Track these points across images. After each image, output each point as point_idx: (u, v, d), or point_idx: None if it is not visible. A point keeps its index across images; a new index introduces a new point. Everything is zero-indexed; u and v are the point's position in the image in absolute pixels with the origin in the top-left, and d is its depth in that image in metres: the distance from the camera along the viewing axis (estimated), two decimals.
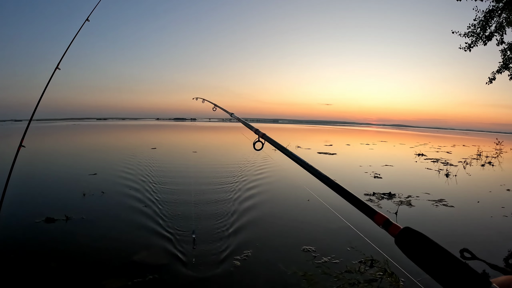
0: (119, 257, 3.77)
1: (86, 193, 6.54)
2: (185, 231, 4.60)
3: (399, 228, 0.89)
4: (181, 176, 8.84)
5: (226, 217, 5.26)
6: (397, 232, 0.88)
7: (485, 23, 10.57)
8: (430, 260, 0.80)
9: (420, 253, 0.82)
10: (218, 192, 6.93)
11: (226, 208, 5.75)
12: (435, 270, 0.80)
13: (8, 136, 25.73)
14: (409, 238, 0.85)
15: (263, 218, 5.25)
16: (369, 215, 1.00)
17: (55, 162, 11.27)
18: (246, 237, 4.43)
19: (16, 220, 4.91)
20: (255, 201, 6.24)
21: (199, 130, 44.27)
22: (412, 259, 0.84)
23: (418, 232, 0.85)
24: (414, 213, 5.84)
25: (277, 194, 6.86)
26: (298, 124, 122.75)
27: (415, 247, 0.84)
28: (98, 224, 4.88)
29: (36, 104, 3.02)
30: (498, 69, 11.29)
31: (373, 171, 10.28)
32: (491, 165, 13.94)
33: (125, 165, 10.28)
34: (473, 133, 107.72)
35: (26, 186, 7.14)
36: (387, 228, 0.92)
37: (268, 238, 4.40)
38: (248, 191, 7.02)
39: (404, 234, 0.86)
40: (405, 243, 0.86)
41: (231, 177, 8.69)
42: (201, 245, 4.15)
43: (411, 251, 0.84)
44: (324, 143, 21.90)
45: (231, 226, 4.84)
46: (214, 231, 4.63)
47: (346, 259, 3.79)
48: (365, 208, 1.01)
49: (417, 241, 0.84)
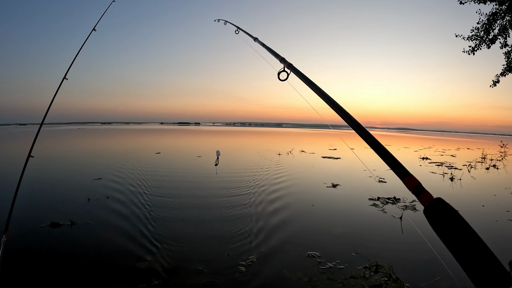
0: (124, 263, 3.78)
1: (91, 198, 6.57)
2: (189, 236, 4.62)
3: (431, 197, 0.87)
4: (185, 180, 8.87)
5: (230, 222, 5.27)
6: (429, 201, 0.86)
7: (488, 26, 10.56)
8: (457, 238, 0.78)
9: (449, 228, 0.80)
10: (220, 197, 6.94)
11: (229, 214, 5.76)
12: (461, 250, 0.77)
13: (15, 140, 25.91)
14: (440, 210, 0.83)
15: (267, 224, 5.24)
16: (400, 175, 0.99)
17: (60, 166, 11.33)
18: (250, 242, 4.43)
19: (22, 225, 4.93)
20: (259, 207, 6.24)
21: (203, 135, 44.32)
22: (438, 232, 0.82)
23: (450, 206, 0.83)
24: (419, 217, 5.81)
25: (281, 199, 6.84)
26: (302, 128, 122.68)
27: (445, 221, 0.81)
28: (102, 229, 4.89)
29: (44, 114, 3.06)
30: (502, 71, 11.26)
31: (378, 176, 10.25)
32: (496, 168, 13.85)
33: (130, 170, 10.32)
34: (478, 136, 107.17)
35: (32, 191, 7.17)
36: (418, 194, 0.90)
37: (272, 244, 4.39)
38: (251, 197, 7.02)
39: (435, 205, 0.84)
40: (435, 214, 0.83)
41: (236, 182, 8.70)
42: (200, 252, 4.15)
43: (440, 224, 0.82)
44: (328, 148, 21.88)
45: (235, 231, 4.85)
46: (218, 236, 4.64)
47: (351, 265, 3.78)
48: (396, 166, 1.01)
49: (448, 215, 0.82)
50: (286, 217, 5.63)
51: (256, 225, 5.13)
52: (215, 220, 5.38)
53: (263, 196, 7.01)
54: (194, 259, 3.88)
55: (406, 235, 4.90)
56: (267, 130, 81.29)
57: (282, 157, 15.21)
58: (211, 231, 4.86)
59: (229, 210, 5.95)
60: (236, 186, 8.06)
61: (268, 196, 7.03)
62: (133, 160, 13.06)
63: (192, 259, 3.90)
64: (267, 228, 5.01)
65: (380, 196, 7.25)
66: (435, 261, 3.92)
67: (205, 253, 4.08)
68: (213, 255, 4.01)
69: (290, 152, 17.08)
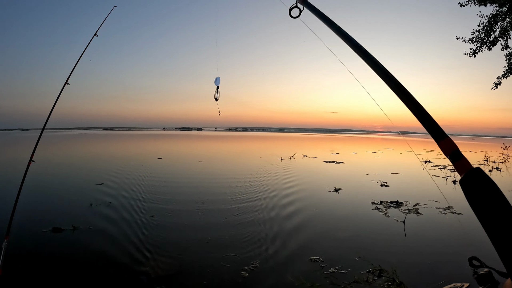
0: (126, 268, 3.77)
1: (93, 203, 6.57)
2: (192, 241, 4.60)
3: (470, 165, 0.79)
4: (188, 186, 8.88)
5: (232, 227, 5.26)
6: (467, 170, 0.78)
7: (489, 28, 10.57)
8: (497, 215, 0.71)
9: (488, 203, 0.73)
10: (223, 202, 6.94)
11: (231, 219, 5.75)
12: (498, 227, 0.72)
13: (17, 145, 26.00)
14: (480, 182, 0.75)
15: (269, 229, 5.22)
16: (435, 137, 0.87)
17: (62, 171, 11.34)
18: (253, 247, 4.41)
19: (23, 230, 4.93)
20: (261, 212, 6.22)
21: (205, 140, 44.38)
22: (474, 206, 0.75)
23: (491, 179, 0.76)
24: (422, 221, 5.78)
25: (283, 204, 6.82)
26: (304, 133, 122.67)
27: (484, 195, 0.74)
28: (105, 234, 4.88)
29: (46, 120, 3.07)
30: (504, 73, 11.25)
31: (380, 179, 10.22)
32: (499, 170, 13.78)
33: (133, 175, 10.33)
34: (480, 138, 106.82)
35: (34, 196, 7.18)
36: (454, 160, 0.81)
37: (275, 249, 4.37)
38: (253, 202, 7.01)
39: (475, 175, 0.76)
40: (474, 185, 0.75)
41: (238, 187, 8.71)
42: (203, 257, 4.14)
43: (478, 197, 0.74)
44: (330, 152, 21.86)
45: (238, 236, 4.83)
46: (221, 242, 4.62)
47: (354, 269, 3.76)
48: (431, 125, 0.87)
49: (489, 189, 0.74)
50: (288, 222, 5.61)
51: (258, 230, 5.11)
52: (217, 226, 5.37)
53: (265, 201, 6.99)
54: (196, 264, 3.87)
55: (410, 239, 4.87)
56: (269, 135, 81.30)
57: (285, 162, 15.20)
58: (213, 236, 4.85)
59: (231, 215, 5.94)
60: (238, 191, 8.05)
61: (270, 201, 7.01)
62: (135, 166, 13.07)
63: (194, 264, 3.88)
64: (269, 233, 4.99)
65: (383, 200, 7.22)
66: (439, 264, 3.89)
67: (208, 258, 4.06)
68: (215, 260, 3.99)
69: (292, 157, 17.06)
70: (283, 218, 5.77)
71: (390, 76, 0.95)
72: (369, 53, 1.02)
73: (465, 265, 3.85)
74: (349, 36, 1.10)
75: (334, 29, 1.16)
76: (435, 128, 0.84)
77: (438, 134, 0.84)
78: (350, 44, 1.09)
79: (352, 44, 1.08)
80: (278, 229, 5.20)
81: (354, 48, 1.07)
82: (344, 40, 1.11)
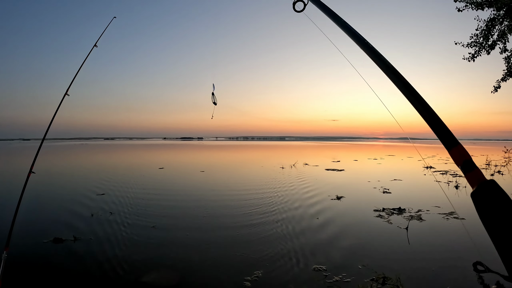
0: (128, 278, 3.73)
1: (94, 214, 6.55)
2: (193, 251, 4.57)
3: (483, 177, 0.71)
4: (189, 195, 8.86)
5: (234, 236, 5.23)
6: (480, 182, 0.71)
7: (487, 32, 10.62)
8: (508, 232, 0.65)
9: (501, 219, 0.66)
10: (224, 211, 6.92)
11: (232, 227, 5.73)
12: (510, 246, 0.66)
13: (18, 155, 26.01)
14: (495, 196, 0.68)
15: (271, 238, 5.19)
16: (445, 144, 0.79)
17: (63, 182, 11.33)
18: (255, 257, 4.38)
19: (25, 240, 4.91)
20: (262, 221, 6.19)
21: (206, 149, 44.41)
22: (485, 221, 0.70)
23: (505, 193, 0.69)
24: (425, 227, 5.73)
25: (284, 213, 6.79)
26: (305, 141, 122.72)
27: (497, 210, 0.67)
28: (106, 245, 4.85)
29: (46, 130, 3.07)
30: (503, 76, 11.27)
31: (382, 186, 10.18)
32: (501, 174, 13.72)
33: (133, 185, 10.32)
34: (481, 142, 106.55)
35: (35, 206, 7.16)
36: (467, 171, 0.74)
37: (278, 258, 4.34)
38: (254, 210, 6.98)
39: (489, 188, 0.69)
40: (487, 199, 0.68)
41: (239, 196, 8.69)
42: (205, 266, 4.10)
43: (489, 213, 0.68)
44: (331, 160, 21.82)
45: (239, 246, 4.80)
46: (222, 252, 4.59)
47: (358, 278, 3.72)
48: (442, 131, 0.79)
49: (504, 203, 0.67)
50: (290, 231, 5.57)
51: (260, 240, 5.08)
52: (219, 235, 5.34)
53: (266, 210, 6.96)
54: (198, 275, 3.83)
55: (413, 245, 4.83)
56: (270, 143, 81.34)
57: (286, 170, 15.17)
58: (215, 245, 4.82)
59: (233, 224, 5.90)
60: (239, 201, 8.03)
61: (272, 210, 6.97)
62: (137, 176, 13.07)
63: (196, 274, 3.85)
64: (272, 242, 4.96)
65: (385, 207, 7.18)
66: (443, 270, 3.85)
67: (210, 268, 4.03)
68: (218, 270, 3.96)
69: (294, 166, 17.03)
70: (285, 228, 5.73)
71: (398, 75, 0.88)
72: (376, 50, 0.95)
73: (470, 270, 3.80)
74: (356, 32, 1.03)
75: (340, 24, 1.10)
76: (446, 134, 0.78)
77: (450, 140, 0.77)
78: (356, 40, 1.02)
79: (359, 41, 1.02)
80: (280, 238, 5.16)
81: (361, 44, 1.01)
82: (350, 36, 1.04)
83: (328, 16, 1.17)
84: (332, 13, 1.17)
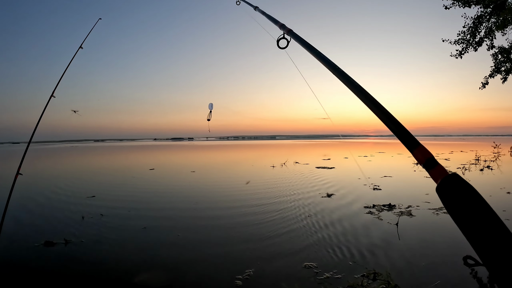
0: (120, 280, 3.73)
1: (85, 216, 6.50)
2: (184, 251, 4.58)
3: (445, 172, 0.76)
4: (180, 195, 8.84)
5: (224, 235, 5.24)
6: (443, 177, 0.75)
7: (474, 29, 10.77)
8: (477, 222, 0.69)
9: (467, 210, 0.70)
10: (215, 210, 6.93)
11: (223, 225, 5.74)
12: (480, 236, 0.70)
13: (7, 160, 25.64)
14: (457, 188, 0.73)
15: (262, 236, 5.21)
16: (408, 146, 0.83)
17: (53, 185, 11.20)
18: (247, 255, 4.40)
19: (15, 244, 4.85)
20: (252, 219, 6.21)
21: (197, 149, 44.30)
22: (453, 213, 0.73)
23: (468, 184, 0.73)
24: (416, 222, 5.81)
25: (275, 211, 6.82)
26: (295, 140, 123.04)
27: (462, 201, 0.71)
28: (97, 247, 4.83)
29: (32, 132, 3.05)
30: (491, 73, 11.46)
31: (372, 183, 10.27)
32: (490, 169, 13.92)
33: (124, 187, 10.27)
34: (471, 138, 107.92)
35: (24, 210, 7.09)
36: (429, 168, 0.78)
37: (269, 256, 4.36)
38: (245, 209, 7.00)
39: (451, 182, 0.74)
40: (450, 192, 0.73)
41: (229, 195, 8.70)
42: (197, 266, 4.11)
43: (455, 205, 0.72)
44: (322, 158, 21.92)
45: (230, 244, 4.82)
46: (213, 250, 4.60)
47: (348, 274, 3.76)
48: (404, 135, 0.84)
49: (466, 194, 0.72)
50: (281, 228, 5.60)
51: (251, 238, 5.10)
52: (210, 233, 5.35)
53: (256, 208, 6.98)
54: (189, 274, 3.84)
55: (403, 241, 4.89)
56: (261, 143, 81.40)
57: (277, 169, 15.21)
58: (205, 244, 4.83)
59: (224, 223, 5.92)
60: (229, 199, 8.04)
61: (261, 208, 6.99)
62: (127, 177, 12.99)
63: (188, 273, 3.85)
64: (262, 241, 4.98)
65: (376, 203, 7.25)
66: (434, 265, 3.91)
67: (202, 267, 4.03)
68: (209, 269, 3.97)
69: (284, 164, 17.08)
70: (275, 225, 5.76)
71: (365, 93, 1.02)
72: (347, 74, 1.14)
73: (460, 264, 3.87)
74: (330, 61, 1.23)
75: (317, 56, 1.31)
76: (407, 137, 0.82)
77: (411, 143, 0.82)
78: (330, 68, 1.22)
79: (332, 68, 1.21)
80: (271, 236, 5.19)
81: (334, 71, 1.19)
82: (325, 65, 1.24)
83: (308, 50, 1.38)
84: (310, 47, 1.38)
